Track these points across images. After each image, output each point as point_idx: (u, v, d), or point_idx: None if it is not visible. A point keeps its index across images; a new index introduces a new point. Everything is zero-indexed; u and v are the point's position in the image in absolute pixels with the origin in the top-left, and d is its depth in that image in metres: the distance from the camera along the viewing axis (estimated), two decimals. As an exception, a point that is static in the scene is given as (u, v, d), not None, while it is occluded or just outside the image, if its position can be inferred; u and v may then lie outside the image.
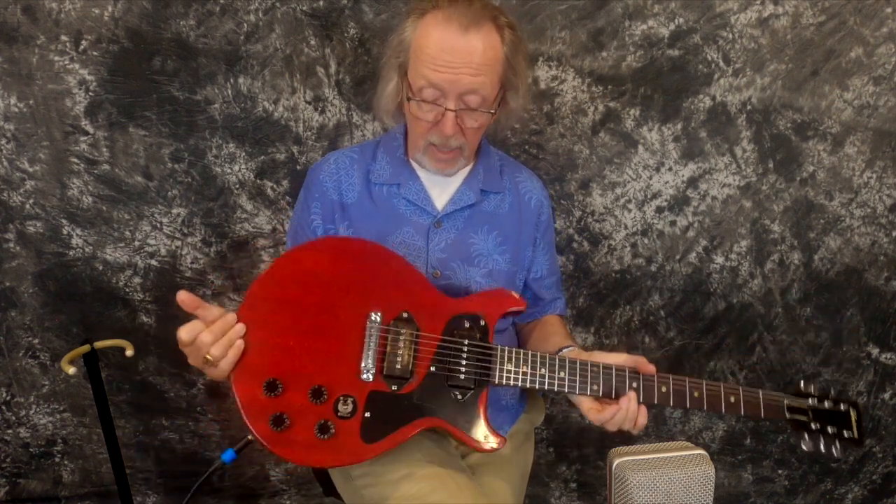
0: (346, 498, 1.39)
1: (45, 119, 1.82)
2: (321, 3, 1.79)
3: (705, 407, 1.25)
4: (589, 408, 1.25)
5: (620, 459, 1.33)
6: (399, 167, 1.38)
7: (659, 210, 1.99)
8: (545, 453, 2.21)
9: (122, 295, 1.97)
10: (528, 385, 1.24)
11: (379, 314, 1.22)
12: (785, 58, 1.87)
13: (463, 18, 1.19)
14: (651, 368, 1.25)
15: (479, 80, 1.22)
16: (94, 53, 1.78)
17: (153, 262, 1.96)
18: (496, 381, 1.23)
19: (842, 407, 1.30)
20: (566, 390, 1.24)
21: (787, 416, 1.28)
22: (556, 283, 1.55)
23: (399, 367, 1.20)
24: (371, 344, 1.21)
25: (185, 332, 1.12)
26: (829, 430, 1.29)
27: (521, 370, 1.23)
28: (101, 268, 1.95)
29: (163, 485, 2.18)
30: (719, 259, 2.03)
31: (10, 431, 2.09)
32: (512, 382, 1.24)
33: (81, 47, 1.78)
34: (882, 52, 1.87)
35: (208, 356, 1.12)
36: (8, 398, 2.06)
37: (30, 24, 1.76)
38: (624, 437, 2.19)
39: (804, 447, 1.29)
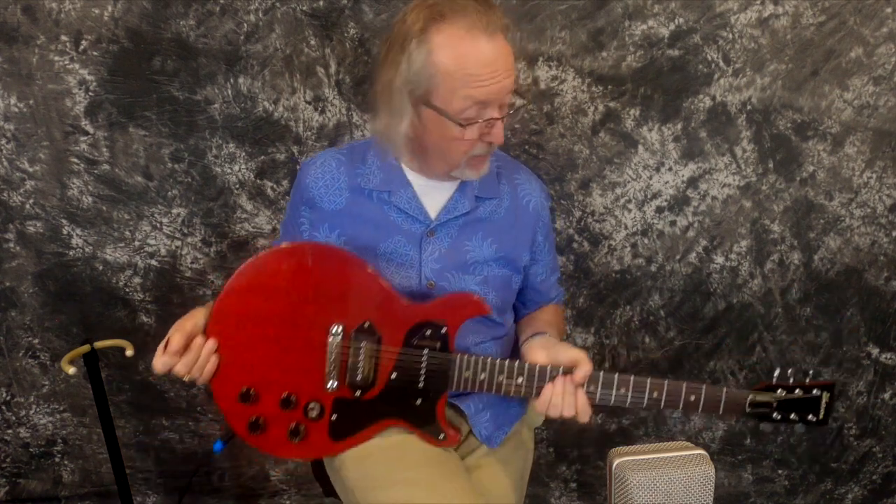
0: (344, 500, 1.39)
1: (45, 119, 1.82)
2: (321, 3, 1.79)
3: (663, 406, 1.25)
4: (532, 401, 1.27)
5: (620, 459, 1.33)
6: (390, 173, 1.32)
7: (659, 210, 1.99)
8: (545, 453, 2.21)
9: (122, 295, 1.97)
10: (485, 391, 1.26)
11: (340, 326, 1.25)
12: (785, 58, 1.87)
13: (485, 25, 1.14)
14: (581, 378, 1.22)
15: (514, 79, 1.20)
16: (94, 53, 1.78)
17: (153, 262, 1.96)
18: (454, 389, 1.27)
19: (814, 392, 1.27)
20: (522, 394, 1.25)
21: (748, 410, 1.26)
22: (557, 279, 1.56)
23: (360, 377, 1.26)
24: (333, 356, 1.26)
25: (159, 366, 1.22)
26: (792, 416, 1.27)
27: (479, 377, 1.26)
28: (101, 268, 1.95)
29: (163, 485, 2.18)
30: (719, 259, 2.03)
31: (10, 431, 2.09)
32: (469, 389, 1.26)
33: (81, 47, 1.78)
34: (882, 52, 1.87)
35: (185, 379, 1.24)
36: (8, 398, 2.06)
37: (30, 24, 1.76)
38: (624, 437, 2.19)
39: (763, 429, 1.29)
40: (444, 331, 1.27)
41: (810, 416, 1.26)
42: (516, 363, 1.25)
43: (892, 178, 1.98)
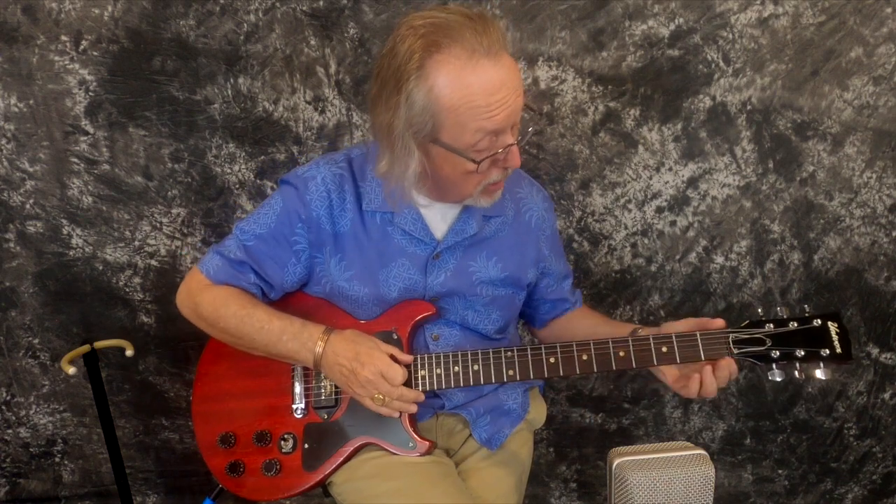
0: None
1: (45, 119, 1.83)
2: (321, 3, 1.79)
3: (634, 364, 1.19)
4: (673, 383, 1.24)
5: (620, 459, 1.33)
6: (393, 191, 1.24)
7: (659, 210, 1.99)
8: (545, 453, 2.21)
9: (122, 295, 1.97)
10: (444, 386, 1.27)
11: None
12: (785, 58, 1.87)
13: (487, 47, 1.05)
14: (718, 324, 1.19)
15: (522, 95, 1.12)
16: (94, 53, 1.78)
17: (153, 262, 1.96)
18: (416, 390, 1.27)
19: (815, 323, 1.12)
20: (482, 382, 1.25)
21: (735, 351, 1.16)
22: (570, 284, 1.52)
23: (324, 397, 1.31)
24: (297, 382, 1.32)
25: (400, 376, 1.22)
26: (799, 353, 1.12)
27: (434, 373, 1.26)
28: (101, 268, 1.95)
29: (163, 485, 2.19)
30: (719, 259, 2.03)
31: (10, 431, 2.09)
32: (429, 387, 1.27)
33: (81, 47, 1.78)
34: (882, 52, 1.87)
35: (379, 396, 1.22)
36: (8, 398, 2.06)
37: (30, 24, 1.76)
38: (624, 437, 2.19)
39: (776, 378, 1.15)
40: (395, 337, 1.28)
41: (823, 351, 1.12)
42: (469, 352, 1.26)
43: (892, 178, 1.98)
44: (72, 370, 1.69)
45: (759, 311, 1.21)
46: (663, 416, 2.18)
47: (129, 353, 1.80)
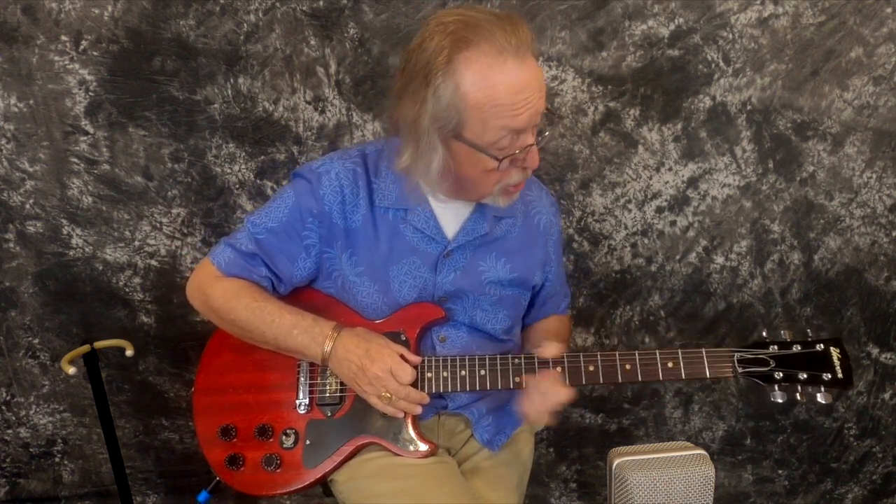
0: None
1: (45, 119, 1.83)
2: (321, 3, 1.79)
3: (640, 378, 1.21)
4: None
5: (620, 459, 1.33)
6: (406, 189, 1.26)
7: (659, 210, 1.99)
8: (545, 453, 2.21)
9: (122, 295, 1.97)
10: (449, 389, 1.27)
11: None
12: (785, 58, 1.87)
13: (515, 48, 1.07)
14: (547, 354, 1.24)
15: (544, 98, 1.13)
16: (94, 53, 1.79)
17: (153, 262, 1.95)
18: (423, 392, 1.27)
19: (818, 347, 1.17)
20: (489, 387, 1.26)
21: (741, 370, 1.19)
22: (564, 282, 1.55)
23: (328, 394, 1.30)
24: (303, 377, 1.31)
25: (409, 375, 1.22)
26: (801, 375, 1.17)
27: (441, 376, 1.26)
28: (101, 268, 1.95)
29: (163, 485, 2.18)
30: (719, 259, 2.03)
31: (10, 431, 2.09)
32: (434, 389, 1.26)
33: (81, 47, 1.78)
34: (882, 52, 1.87)
35: (386, 394, 1.23)
36: (8, 398, 2.06)
37: (30, 24, 1.76)
38: (624, 437, 2.19)
39: (777, 399, 1.19)
40: (403, 338, 1.28)
41: (825, 375, 1.16)
42: (476, 357, 1.26)
43: (892, 178, 1.98)
44: (72, 370, 1.69)
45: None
46: (663, 417, 2.18)
47: (129, 353, 1.80)
